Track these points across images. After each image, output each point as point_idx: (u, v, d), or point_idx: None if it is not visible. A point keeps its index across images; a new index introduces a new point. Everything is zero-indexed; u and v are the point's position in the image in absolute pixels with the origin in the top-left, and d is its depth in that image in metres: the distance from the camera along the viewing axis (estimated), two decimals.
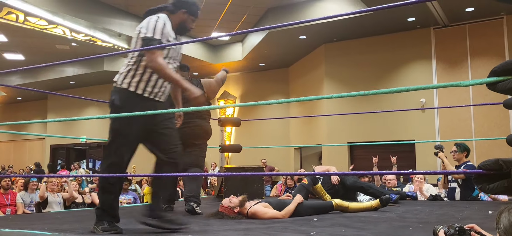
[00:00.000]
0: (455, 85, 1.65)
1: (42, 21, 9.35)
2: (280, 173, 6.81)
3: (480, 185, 1.68)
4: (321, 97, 2.00)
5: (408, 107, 9.41)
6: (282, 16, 9.81)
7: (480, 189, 1.67)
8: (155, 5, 2.97)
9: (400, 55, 9.99)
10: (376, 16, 9.02)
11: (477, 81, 1.65)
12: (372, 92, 1.93)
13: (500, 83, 1.63)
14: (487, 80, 1.64)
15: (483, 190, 1.67)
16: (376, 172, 2.02)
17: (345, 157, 10.49)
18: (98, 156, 16.39)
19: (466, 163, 5.01)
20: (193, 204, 3.87)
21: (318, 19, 2.33)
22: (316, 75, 11.41)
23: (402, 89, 1.81)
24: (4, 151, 19.50)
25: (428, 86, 1.86)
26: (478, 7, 8.58)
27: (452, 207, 4.35)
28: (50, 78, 14.58)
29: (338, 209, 3.90)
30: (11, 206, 6.07)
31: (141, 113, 2.63)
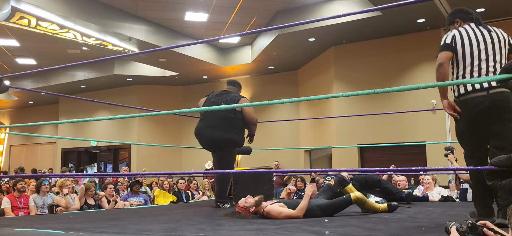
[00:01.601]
0: (466, 83, 1.64)
1: (54, 25, 9.48)
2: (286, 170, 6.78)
3: (492, 181, 1.67)
4: (330, 96, 2.02)
5: (419, 109, 9.36)
6: (291, 19, 9.82)
7: (493, 185, 1.66)
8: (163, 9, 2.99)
9: (410, 57, 9.94)
10: (386, 18, 8.99)
11: (488, 78, 1.65)
12: (382, 90, 1.94)
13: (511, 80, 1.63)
14: (499, 77, 1.63)
15: (495, 187, 1.66)
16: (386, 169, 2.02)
17: (355, 159, 10.45)
18: (108, 159, 16.51)
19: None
20: (219, 203, 4.50)
21: (327, 18, 2.34)
22: (326, 77, 11.39)
23: (412, 87, 1.81)
24: (16, 154, 19.75)
25: (438, 84, 1.86)
26: (488, 8, 8.51)
27: (464, 208, 4.31)
28: (61, 82, 14.76)
29: (357, 202, 3.88)
30: (24, 209, 6.14)
31: None
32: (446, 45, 2.97)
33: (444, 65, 2.90)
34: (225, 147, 4.61)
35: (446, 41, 2.99)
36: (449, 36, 3.02)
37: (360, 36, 10.25)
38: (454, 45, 2.96)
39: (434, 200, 5.51)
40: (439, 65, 2.94)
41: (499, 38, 3.00)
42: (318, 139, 11.75)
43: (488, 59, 2.84)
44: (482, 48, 2.88)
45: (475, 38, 2.93)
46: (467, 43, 2.91)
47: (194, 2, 9.43)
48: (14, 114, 19.95)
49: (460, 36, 2.97)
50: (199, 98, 5.29)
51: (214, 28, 10.93)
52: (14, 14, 8.77)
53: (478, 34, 2.96)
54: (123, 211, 5.28)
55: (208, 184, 8.60)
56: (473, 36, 2.94)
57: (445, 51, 2.93)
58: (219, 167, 4.66)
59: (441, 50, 3.01)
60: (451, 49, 2.95)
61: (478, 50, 2.88)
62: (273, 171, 5.40)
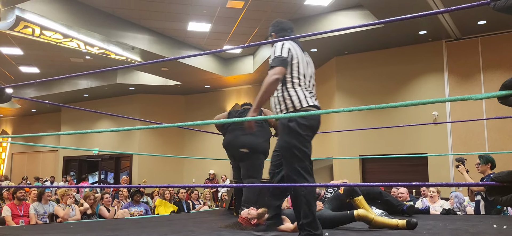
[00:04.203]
0: (467, 99, 1.65)
1: (58, 34, 9.54)
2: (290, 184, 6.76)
3: (493, 197, 1.67)
4: (332, 111, 2.00)
5: (421, 120, 9.34)
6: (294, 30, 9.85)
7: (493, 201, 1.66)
8: (166, 20, 3.03)
9: (412, 68, 9.96)
10: (388, 29, 9.02)
11: (489, 94, 1.66)
12: (384, 106, 1.94)
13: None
14: (499, 94, 1.64)
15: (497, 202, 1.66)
16: (389, 183, 2.02)
17: (356, 170, 10.42)
18: (110, 168, 16.51)
19: (490, 175, 4.86)
20: (244, 208, 4.38)
21: (329, 31, 2.35)
22: (328, 88, 11.40)
23: (413, 103, 1.81)
24: (18, 162, 19.78)
25: (439, 100, 1.87)
26: (490, 20, 8.54)
27: (465, 222, 4.29)
28: (64, 90, 14.82)
29: (361, 220, 3.64)
30: (24, 217, 6.14)
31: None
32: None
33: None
34: (255, 152, 4.63)
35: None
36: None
37: (362, 47, 10.28)
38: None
39: (436, 213, 5.48)
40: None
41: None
42: (319, 150, 11.72)
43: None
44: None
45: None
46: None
47: (197, 12, 9.49)
48: (17, 122, 20.01)
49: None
50: (201, 107, 5.32)
51: (216, 38, 10.98)
52: (19, 23, 8.84)
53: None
54: (123, 220, 5.27)
55: (209, 194, 8.58)
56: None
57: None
58: (249, 174, 4.65)
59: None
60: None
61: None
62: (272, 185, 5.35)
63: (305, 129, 2.84)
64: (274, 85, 2.84)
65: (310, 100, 2.91)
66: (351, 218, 3.63)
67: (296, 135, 2.82)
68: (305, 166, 2.82)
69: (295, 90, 2.91)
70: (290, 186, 2.85)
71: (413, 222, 3.64)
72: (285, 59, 2.88)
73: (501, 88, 1.62)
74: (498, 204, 1.56)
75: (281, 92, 2.93)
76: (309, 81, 3.01)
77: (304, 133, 2.83)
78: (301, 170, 2.82)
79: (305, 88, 2.94)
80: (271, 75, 2.81)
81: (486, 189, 1.75)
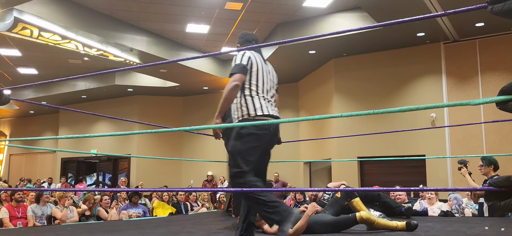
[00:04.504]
0: (465, 104, 1.65)
1: (56, 36, 9.53)
2: (289, 189, 6.80)
3: (491, 202, 1.67)
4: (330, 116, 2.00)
5: (419, 122, 9.36)
6: (292, 31, 9.88)
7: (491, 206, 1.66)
8: (165, 21, 3.04)
9: (410, 70, 9.98)
10: (386, 31, 9.04)
11: (487, 100, 1.66)
12: (382, 111, 1.94)
13: (511, 102, 1.63)
14: (497, 99, 1.64)
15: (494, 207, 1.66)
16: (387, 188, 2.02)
17: (355, 172, 10.43)
18: (108, 169, 16.49)
19: (493, 177, 4.85)
20: None
21: (328, 34, 2.35)
22: (326, 89, 11.42)
23: (411, 108, 1.81)
24: (16, 163, 19.73)
25: (438, 106, 1.87)
26: (488, 22, 8.56)
27: (463, 224, 4.30)
28: (62, 92, 14.80)
29: (363, 223, 3.62)
30: (22, 219, 6.12)
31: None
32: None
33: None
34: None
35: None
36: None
37: (360, 49, 10.29)
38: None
39: (434, 215, 5.49)
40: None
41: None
42: (317, 152, 11.74)
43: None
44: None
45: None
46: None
47: (196, 14, 9.49)
48: (15, 124, 19.97)
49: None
50: (200, 109, 5.35)
51: (215, 40, 10.98)
52: (17, 24, 8.82)
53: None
54: (121, 222, 5.27)
55: (208, 195, 8.58)
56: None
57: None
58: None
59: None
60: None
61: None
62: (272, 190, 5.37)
63: (255, 137, 2.89)
64: (234, 92, 2.91)
65: (266, 109, 2.97)
66: (354, 221, 3.61)
67: (244, 141, 2.88)
68: (247, 172, 2.85)
69: (252, 98, 2.98)
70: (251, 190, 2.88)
71: (413, 224, 3.63)
72: (244, 67, 2.96)
73: (499, 94, 1.62)
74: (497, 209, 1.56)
75: (239, 99, 3.01)
76: (269, 91, 3.09)
77: (252, 141, 2.88)
78: (240, 176, 2.86)
79: (262, 97, 3.01)
80: (231, 82, 2.90)
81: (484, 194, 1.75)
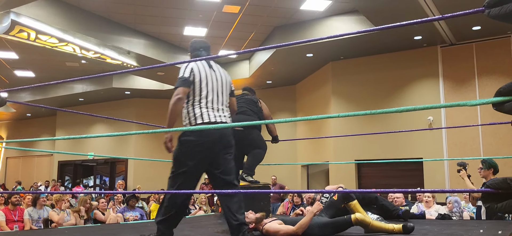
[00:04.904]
0: (462, 105, 1.66)
1: (53, 39, 9.51)
2: (286, 190, 6.80)
3: (488, 204, 1.68)
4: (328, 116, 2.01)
5: (416, 125, 9.38)
6: (289, 34, 9.90)
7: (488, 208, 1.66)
8: (162, 24, 3.06)
9: (407, 73, 10.00)
10: (383, 35, 9.07)
11: (483, 101, 1.66)
12: (379, 111, 1.95)
13: (507, 103, 1.64)
14: (494, 100, 1.65)
15: (491, 209, 1.66)
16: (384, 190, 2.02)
17: (352, 175, 10.44)
18: (105, 172, 16.44)
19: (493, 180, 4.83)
20: (245, 174, 4.80)
21: (325, 38, 2.36)
22: (323, 92, 11.43)
23: (408, 109, 1.82)
24: (13, 166, 19.65)
25: (435, 106, 1.87)
26: (485, 26, 8.60)
27: (460, 226, 4.30)
28: (59, 95, 14.76)
29: (358, 224, 3.62)
30: (18, 222, 6.10)
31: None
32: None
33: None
34: (247, 127, 4.86)
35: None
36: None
37: (357, 52, 10.32)
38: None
39: (431, 218, 5.49)
40: None
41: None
42: (315, 154, 11.75)
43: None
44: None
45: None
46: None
47: (193, 17, 9.50)
48: (12, 126, 19.90)
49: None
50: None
51: (212, 43, 10.98)
52: (14, 27, 8.80)
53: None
54: (118, 226, 5.25)
55: (205, 198, 8.56)
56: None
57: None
58: (253, 147, 4.97)
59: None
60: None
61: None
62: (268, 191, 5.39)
63: (193, 144, 3.04)
64: (177, 105, 3.06)
65: (207, 116, 3.10)
66: (349, 223, 3.61)
67: (183, 148, 3.07)
68: (179, 177, 3.06)
69: (194, 108, 3.12)
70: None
71: (410, 227, 3.62)
72: (186, 79, 3.11)
73: (496, 95, 1.63)
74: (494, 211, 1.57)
75: (185, 109, 3.17)
76: (214, 98, 3.19)
77: (190, 148, 3.04)
78: (173, 179, 3.08)
79: (205, 105, 3.13)
80: (174, 96, 3.07)
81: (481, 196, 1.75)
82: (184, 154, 3.05)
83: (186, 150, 3.04)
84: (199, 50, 3.43)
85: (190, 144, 3.03)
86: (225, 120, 3.19)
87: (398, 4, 7.65)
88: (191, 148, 3.03)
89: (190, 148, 3.03)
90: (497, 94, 1.62)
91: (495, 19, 1.66)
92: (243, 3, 8.79)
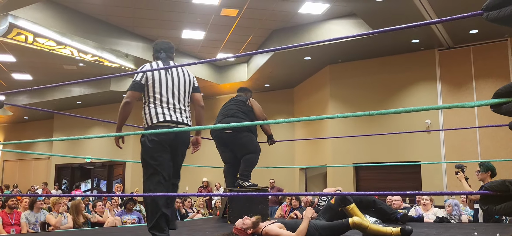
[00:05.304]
0: (460, 106, 1.66)
1: (51, 42, 9.49)
2: (284, 193, 6.78)
3: (487, 206, 1.68)
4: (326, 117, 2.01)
5: (414, 128, 9.40)
6: (287, 38, 9.91)
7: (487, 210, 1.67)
8: (160, 27, 3.08)
9: (405, 76, 10.03)
10: (381, 38, 9.09)
11: (481, 102, 1.67)
12: (378, 112, 1.95)
13: (505, 105, 1.64)
14: (492, 102, 1.65)
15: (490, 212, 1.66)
16: (383, 192, 2.02)
17: (350, 178, 10.44)
18: (102, 175, 16.40)
19: None
20: (241, 181, 4.87)
21: (323, 41, 2.36)
22: (321, 96, 11.44)
23: (407, 110, 1.82)
24: (10, 169, 19.58)
25: (433, 107, 1.88)
26: (482, 29, 8.63)
27: (459, 229, 4.31)
28: (57, 98, 14.73)
29: (356, 228, 3.60)
30: (15, 226, 6.07)
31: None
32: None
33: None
34: (239, 131, 4.91)
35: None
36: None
37: (355, 56, 10.34)
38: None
39: (429, 221, 5.49)
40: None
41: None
42: (313, 158, 11.75)
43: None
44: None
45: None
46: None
47: (191, 20, 9.51)
48: (9, 129, 19.83)
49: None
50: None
51: (210, 46, 11.00)
52: (12, 30, 8.79)
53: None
54: (116, 229, 5.23)
55: (203, 202, 8.54)
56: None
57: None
58: (245, 152, 4.96)
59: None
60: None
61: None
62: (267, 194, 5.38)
63: (155, 143, 3.16)
64: (125, 108, 3.27)
65: (162, 116, 3.21)
66: (347, 227, 3.59)
67: (146, 149, 3.19)
68: (153, 177, 3.14)
69: (149, 108, 3.24)
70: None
71: (408, 230, 3.60)
72: (137, 83, 3.27)
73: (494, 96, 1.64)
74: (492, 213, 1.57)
75: (143, 110, 3.30)
76: (170, 97, 3.28)
77: (152, 147, 3.16)
78: (147, 182, 3.16)
79: (160, 105, 3.23)
80: (123, 99, 3.26)
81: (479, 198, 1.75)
82: (148, 154, 3.16)
83: (149, 150, 3.15)
84: (159, 52, 3.53)
85: (151, 144, 3.14)
86: (182, 118, 3.28)
87: (396, 8, 7.67)
88: (152, 147, 3.14)
89: (151, 147, 3.14)
90: (495, 96, 1.62)
91: (493, 22, 1.67)
92: (241, 6, 8.80)
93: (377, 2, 7.47)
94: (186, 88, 3.40)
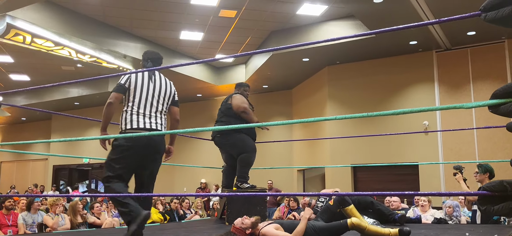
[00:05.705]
0: (458, 107, 1.66)
1: (49, 42, 9.48)
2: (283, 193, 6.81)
3: (485, 206, 1.68)
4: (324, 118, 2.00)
5: (412, 129, 9.41)
6: (286, 39, 9.92)
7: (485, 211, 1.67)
8: (158, 28, 3.07)
9: (403, 78, 10.05)
10: (379, 39, 9.10)
11: (479, 103, 1.67)
12: (375, 113, 1.95)
13: (503, 106, 1.65)
14: (490, 103, 1.65)
15: (488, 212, 1.67)
16: (381, 193, 2.02)
17: (348, 179, 10.45)
18: (100, 176, 16.37)
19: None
20: (239, 183, 4.92)
21: (321, 42, 2.36)
22: (319, 97, 11.45)
23: (405, 111, 1.82)
24: (7, 170, 19.52)
25: (430, 109, 1.88)
26: (479, 31, 8.65)
27: (456, 231, 4.31)
28: (55, 98, 14.70)
29: (354, 229, 3.59)
30: (12, 227, 6.05)
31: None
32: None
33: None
34: (227, 133, 4.96)
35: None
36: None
37: (353, 57, 10.35)
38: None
39: (427, 222, 5.49)
40: None
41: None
42: (311, 159, 11.75)
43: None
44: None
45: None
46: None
47: (190, 21, 9.50)
48: (6, 130, 19.78)
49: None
50: (193, 116, 5.49)
51: (209, 47, 10.99)
52: (10, 31, 8.77)
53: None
54: (113, 230, 5.22)
55: (201, 203, 8.53)
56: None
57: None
58: (238, 152, 5.00)
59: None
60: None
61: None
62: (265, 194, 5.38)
63: (123, 149, 3.26)
64: (108, 108, 3.36)
65: (136, 123, 3.30)
66: (345, 227, 3.58)
67: (115, 152, 3.29)
68: (112, 177, 3.29)
69: (126, 113, 3.35)
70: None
71: (406, 231, 3.60)
72: (121, 86, 3.37)
73: (491, 97, 1.64)
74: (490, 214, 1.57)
75: (121, 114, 3.40)
76: (147, 105, 3.37)
77: (120, 152, 3.26)
78: (108, 179, 3.30)
79: (136, 112, 3.33)
80: (107, 100, 3.35)
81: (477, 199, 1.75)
82: (116, 158, 3.27)
83: (118, 154, 3.25)
84: (146, 61, 3.65)
85: (120, 148, 3.24)
86: (156, 126, 3.37)
87: (393, 10, 7.69)
88: (122, 152, 3.24)
89: (121, 152, 3.24)
90: (493, 97, 1.62)
91: (491, 23, 1.67)
92: (239, 7, 8.80)
93: (375, 3, 7.49)
94: (166, 100, 3.51)
